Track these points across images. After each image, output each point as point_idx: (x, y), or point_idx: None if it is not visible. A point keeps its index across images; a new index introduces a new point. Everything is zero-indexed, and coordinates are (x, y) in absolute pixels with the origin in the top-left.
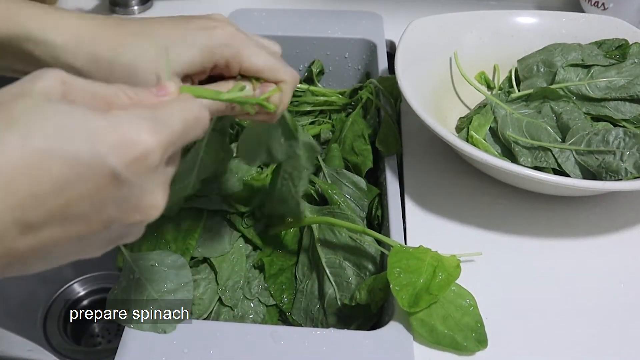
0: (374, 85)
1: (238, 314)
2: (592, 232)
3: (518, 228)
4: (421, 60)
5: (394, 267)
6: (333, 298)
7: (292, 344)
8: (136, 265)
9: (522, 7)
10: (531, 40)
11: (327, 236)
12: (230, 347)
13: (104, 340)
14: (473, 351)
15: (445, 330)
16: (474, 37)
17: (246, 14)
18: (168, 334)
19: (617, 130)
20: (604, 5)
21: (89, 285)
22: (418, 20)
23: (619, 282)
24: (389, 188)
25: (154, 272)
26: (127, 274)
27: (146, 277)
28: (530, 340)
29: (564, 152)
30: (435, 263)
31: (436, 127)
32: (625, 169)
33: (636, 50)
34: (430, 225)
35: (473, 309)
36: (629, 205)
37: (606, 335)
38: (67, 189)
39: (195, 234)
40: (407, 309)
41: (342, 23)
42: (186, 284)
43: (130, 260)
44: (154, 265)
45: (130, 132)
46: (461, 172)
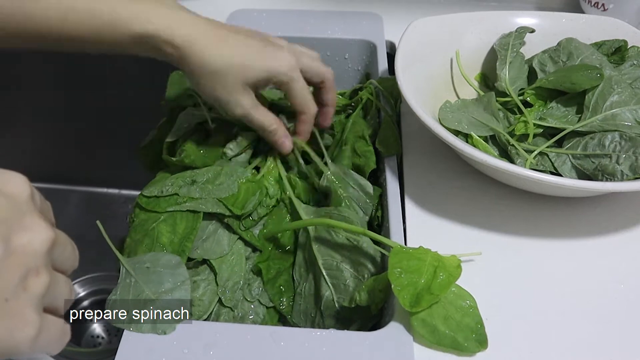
0: (374, 85)
1: (238, 314)
2: (592, 232)
3: (518, 229)
4: (421, 61)
5: (395, 267)
6: (330, 300)
7: (292, 345)
8: (132, 269)
9: (522, 8)
10: (531, 41)
11: (324, 236)
12: (230, 347)
13: (104, 341)
14: (473, 352)
15: (446, 330)
16: (474, 37)
17: (246, 14)
18: (168, 334)
19: (613, 133)
20: (604, 6)
21: (89, 286)
22: (418, 20)
23: (619, 283)
24: (389, 188)
25: (149, 274)
26: (124, 278)
27: (142, 279)
28: (530, 341)
29: (561, 156)
30: (436, 263)
31: (436, 128)
32: (621, 171)
33: (635, 52)
34: (430, 226)
35: (473, 310)
36: (629, 206)
37: (606, 336)
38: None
39: (191, 236)
40: (409, 309)
41: (342, 24)
42: (183, 282)
43: (125, 264)
44: (149, 267)
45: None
46: (461, 173)
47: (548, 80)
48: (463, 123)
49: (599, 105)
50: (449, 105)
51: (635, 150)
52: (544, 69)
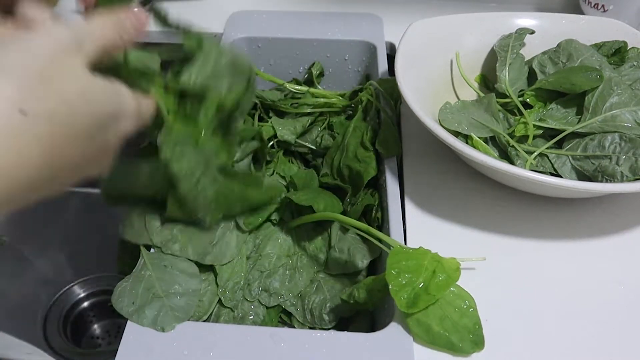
0: (374, 87)
1: (238, 315)
2: (592, 233)
3: (518, 229)
4: (421, 62)
5: (393, 267)
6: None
7: (293, 346)
8: (150, 263)
9: (522, 9)
10: (531, 42)
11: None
12: (230, 348)
13: (104, 342)
14: (469, 353)
15: (440, 330)
16: (474, 39)
17: (246, 16)
18: (166, 332)
19: (612, 135)
20: (604, 7)
21: (89, 287)
22: (418, 22)
23: (619, 284)
24: (389, 190)
25: (165, 273)
26: (139, 270)
27: (157, 275)
28: (531, 342)
29: (560, 158)
30: (435, 264)
31: (436, 129)
32: (621, 172)
33: (634, 54)
34: (430, 227)
35: (472, 311)
36: (629, 207)
37: (606, 337)
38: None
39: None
40: (405, 309)
41: (342, 25)
42: (194, 291)
43: (145, 257)
44: (167, 267)
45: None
46: (461, 174)
47: (548, 82)
48: (463, 124)
49: (598, 107)
50: (449, 107)
51: (635, 151)
52: (544, 70)
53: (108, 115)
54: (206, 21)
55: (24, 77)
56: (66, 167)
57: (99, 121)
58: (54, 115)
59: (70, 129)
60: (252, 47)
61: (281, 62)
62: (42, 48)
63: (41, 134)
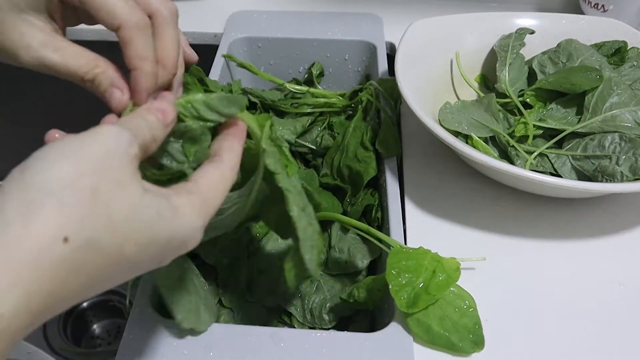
0: (374, 87)
1: (238, 315)
2: (592, 233)
3: (518, 229)
4: (421, 62)
5: (393, 267)
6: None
7: (293, 346)
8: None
9: (522, 9)
10: (531, 42)
11: None
12: (231, 348)
13: (104, 342)
14: (469, 353)
15: (440, 330)
16: (474, 39)
17: (246, 16)
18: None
19: (612, 135)
20: (604, 7)
21: None
22: (418, 22)
23: (619, 284)
24: (389, 190)
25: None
26: (181, 263)
27: (195, 271)
28: (531, 342)
29: (560, 158)
30: (435, 264)
31: (436, 129)
32: (621, 172)
33: (634, 53)
34: (430, 227)
35: (472, 311)
36: (629, 207)
37: (606, 337)
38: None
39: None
40: (405, 309)
41: (342, 25)
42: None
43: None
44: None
45: None
46: (461, 174)
47: (548, 82)
48: (463, 124)
49: (598, 107)
50: (449, 107)
51: (635, 151)
52: (544, 70)
53: (159, 244)
54: (206, 21)
55: (72, 199)
56: (109, 286)
57: (148, 251)
58: (98, 242)
59: (115, 258)
60: (252, 47)
61: (281, 62)
62: (94, 155)
63: (80, 265)
